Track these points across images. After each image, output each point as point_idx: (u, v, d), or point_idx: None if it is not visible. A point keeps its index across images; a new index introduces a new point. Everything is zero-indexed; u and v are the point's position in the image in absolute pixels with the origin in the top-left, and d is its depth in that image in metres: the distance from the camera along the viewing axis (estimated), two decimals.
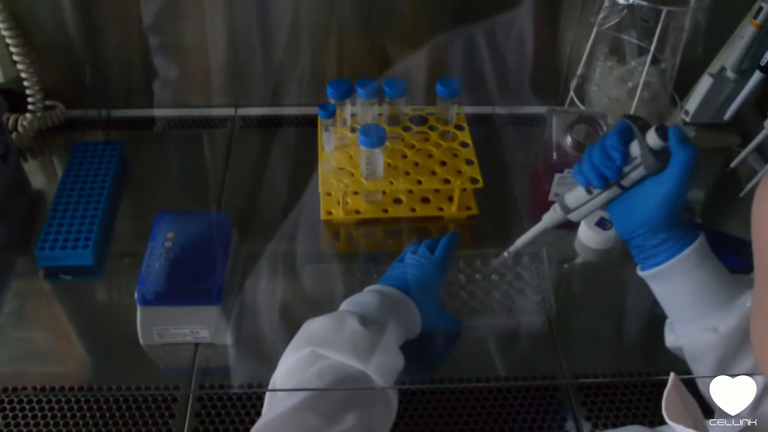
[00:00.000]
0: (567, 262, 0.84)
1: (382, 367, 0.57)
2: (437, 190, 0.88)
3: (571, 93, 0.95)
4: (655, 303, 0.80)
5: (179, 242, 0.73)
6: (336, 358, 0.56)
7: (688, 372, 0.73)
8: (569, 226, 0.86)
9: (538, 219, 0.88)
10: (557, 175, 0.84)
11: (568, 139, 0.81)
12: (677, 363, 0.74)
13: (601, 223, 0.83)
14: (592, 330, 0.78)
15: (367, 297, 0.65)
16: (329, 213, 0.86)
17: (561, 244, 0.86)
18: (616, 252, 0.84)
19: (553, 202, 0.86)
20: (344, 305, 0.65)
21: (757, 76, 0.87)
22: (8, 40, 0.91)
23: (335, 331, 0.58)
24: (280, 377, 0.58)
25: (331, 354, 0.56)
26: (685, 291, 0.60)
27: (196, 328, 0.71)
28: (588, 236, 0.83)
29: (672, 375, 0.38)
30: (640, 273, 0.63)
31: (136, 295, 0.69)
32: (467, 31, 0.96)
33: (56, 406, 0.67)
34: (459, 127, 0.92)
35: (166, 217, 0.76)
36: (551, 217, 0.68)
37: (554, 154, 0.83)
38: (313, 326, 0.60)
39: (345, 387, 0.55)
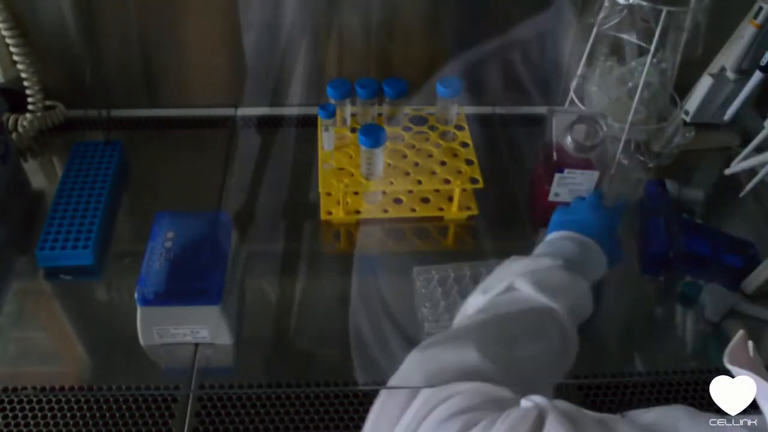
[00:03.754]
0: None
1: (573, 309, 0.59)
2: (437, 190, 0.88)
3: (571, 93, 0.95)
4: (654, 303, 0.81)
5: (179, 242, 0.73)
6: (530, 292, 0.58)
7: (690, 369, 0.73)
8: None
9: (538, 219, 0.89)
10: (557, 175, 0.84)
11: (568, 139, 0.81)
12: (678, 362, 0.75)
13: None
14: (592, 330, 0.78)
15: (566, 245, 0.67)
16: (329, 213, 0.86)
17: None
18: None
19: (553, 202, 0.87)
20: (542, 248, 0.67)
21: (757, 76, 0.87)
22: (8, 40, 0.91)
23: (538, 270, 0.61)
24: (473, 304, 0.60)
25: (527, 289, 0.58)
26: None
27: (196, 328, 0.71)
28: None
29: (741, 331, 0.39)
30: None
31: (136, 295, 0.69)
32: (467, 31, 0.96)
33: (56, 406, 0.67)
34: (459, 127, 0.92)
35: (166, 217, 0.76)
36: None
37: (554, 154, 0.83)
38: (517, 264, 0.63)
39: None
